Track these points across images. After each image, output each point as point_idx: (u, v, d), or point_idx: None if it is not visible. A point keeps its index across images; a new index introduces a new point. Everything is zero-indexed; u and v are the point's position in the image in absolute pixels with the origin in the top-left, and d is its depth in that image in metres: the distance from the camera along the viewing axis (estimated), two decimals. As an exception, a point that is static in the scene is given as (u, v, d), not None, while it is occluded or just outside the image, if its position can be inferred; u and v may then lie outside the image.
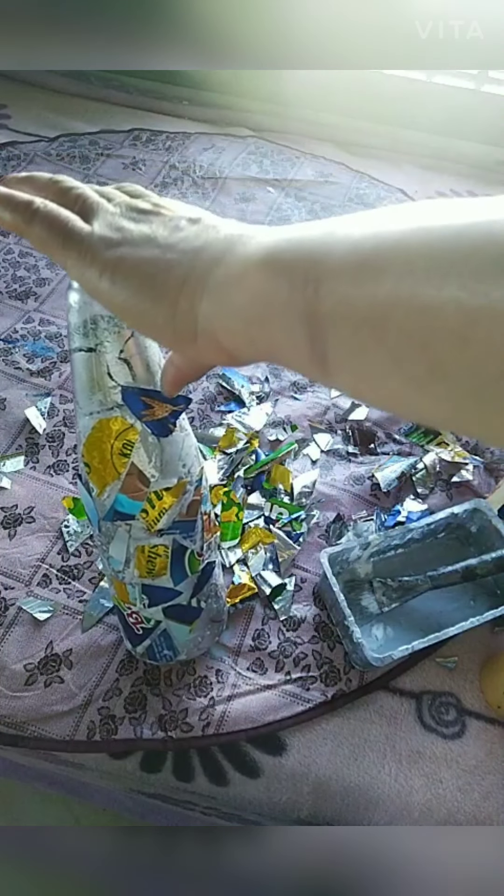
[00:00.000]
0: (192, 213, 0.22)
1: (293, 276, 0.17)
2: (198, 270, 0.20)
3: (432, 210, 0.16)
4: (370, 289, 0.16)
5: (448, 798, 0.41)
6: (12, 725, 0.41)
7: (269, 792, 0.41)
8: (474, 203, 0.15)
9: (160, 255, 0.21)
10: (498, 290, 0.13)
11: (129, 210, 0.23)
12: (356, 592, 0.47)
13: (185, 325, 0.20)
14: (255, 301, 0.19)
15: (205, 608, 0.39)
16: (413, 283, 0.15)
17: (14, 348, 0.62)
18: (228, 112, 0.95)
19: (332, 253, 0.17)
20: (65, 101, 0.95)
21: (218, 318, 0.20)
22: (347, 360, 0.17)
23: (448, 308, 0.14)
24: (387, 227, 0.16)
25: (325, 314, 0.17)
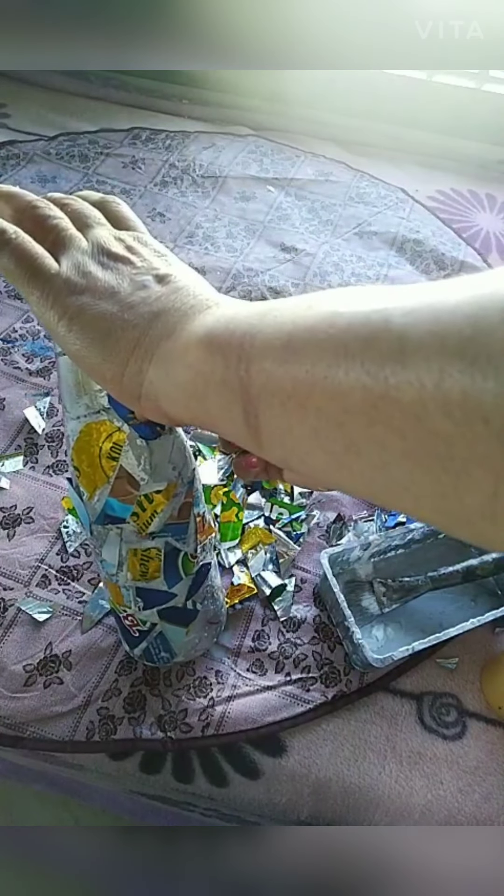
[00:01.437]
0: (163, 268, 0.23)
1: (227, 355, 0.19)
2: (149, 338, 0.21)
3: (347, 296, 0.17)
4: (292, 369, 0.17)
5: (449, 799, 0.41)
6: (11, 726, 0.41)
7: (270, 793, 0.41)
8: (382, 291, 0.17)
9: (118, 314, 0.21)
10: (394, 377, 0.14)
11: (100, 252, 0.23)
12: (356, 593, 0.47)
13: (131, 386, 0.22)
14: (195, 377, 0.20)
15: (201, 610, 0.39)
16: (325, 366, 0.16)
17: (13, 348, 0.62)
18: (228, 111, 0.95)
19: (261, 334, 0.18)
20: (64, 99, 0.95)
21: (161, 387, 0.21)
22: (277, 435, 0.18)
23: (355, 390, 0.15)
24: (305, 312, 0.18)
25: (256, 392, 0.18)
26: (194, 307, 0.21)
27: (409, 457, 0.15)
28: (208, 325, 0.20)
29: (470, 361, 0.13)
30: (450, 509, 0.15)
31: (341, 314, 0.17)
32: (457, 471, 0.14)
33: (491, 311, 0.13)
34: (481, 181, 0.90)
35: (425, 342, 0.14)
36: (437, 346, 0.14)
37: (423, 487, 0.15)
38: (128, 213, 0.27)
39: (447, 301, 0.14)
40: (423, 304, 0.15)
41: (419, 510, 0.16)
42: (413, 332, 0.14)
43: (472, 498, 0.14)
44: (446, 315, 0.14)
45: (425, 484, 0.15)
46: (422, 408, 0.14)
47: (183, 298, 0.22)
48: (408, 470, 0.15)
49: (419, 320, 0.15)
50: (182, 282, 0.23)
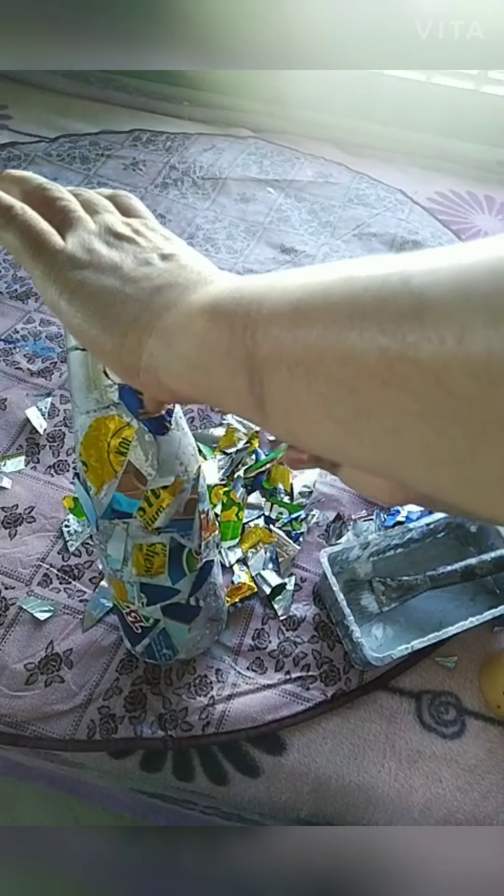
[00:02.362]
0: (167, 248, 0.23)
1: (233, 323, 0.18)
2: (150, 311, 0.21)
3: (362, 262, 0.17)
4: (302, 334, 0.16)
5: (448, 797, 0.41)
6: (12, 725, 0.41)
7: (269, 791, 0.41)
8: (400, 257, 0.16)
9: (119, 287, 0.21)
10: (413, 334, 0.14)
11: (107, 232, 0.23)
12: (356, 592, 0.47)
13: (129, 359, 0.21)
14: (199, 348, 0.19)
15: (203, 607, 0.39)
16: (338, 328, 0.16)
17: (15, 348, 0.62)
18: (229, 113, 0.96)
19: (268, 300, 0.18)
20: (65, 101, 0.95)
21: (162, 360, 0.21)
22: (283, 404, 0.18)
23: (369, 352, 0.15)
24: (317, 277, 0.17)
25: (263, 359, 0.18)
26: (198, 281, 0.21)
27: (425, 419, 0.14)
28: (213, 294, 0.20)
29: (494, 315, 0.13)
30: (466, 476, 0.14)
31: (356, 277, 0.16)
32: (475, 433, 0.13)
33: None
34: (480, 183, 0.90)
35: (446, 298, 0.14)
36: (460, 301, 0.13)
37: (439, 452, 0.14)
38: (138, 205, 0.27)
39: (467, 260, 0.14)
40: (444, 264, 0.14)
41: (433, 477, 0.15)
42: (433, 290, 0.14)
43: (491, 462, 0.13)
44: (467, 271, 0.14)
45: (441, 448, 0.14)
46: (442, 366, 0.13)
47: (187, 274, 0.22)
48: (423, 434, 0.14)
49: (440, 278, 0.14)
50: (186, 260, 0.22)
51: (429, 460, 0.15)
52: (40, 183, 0.25)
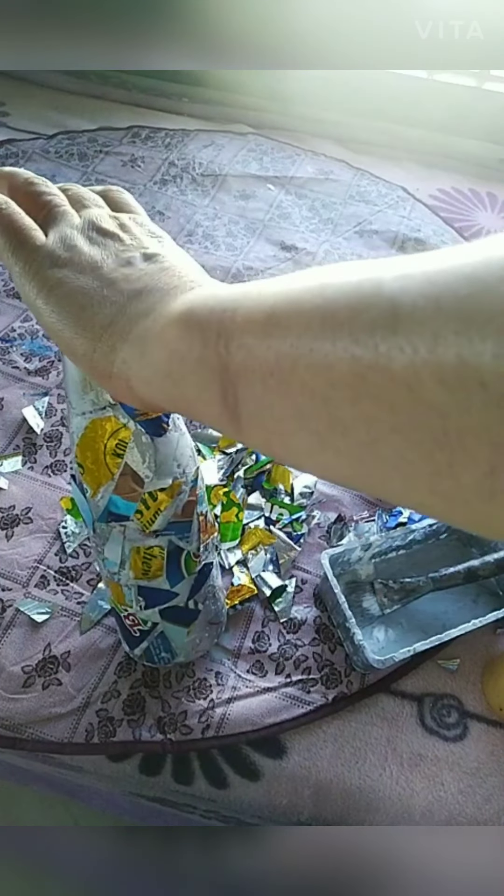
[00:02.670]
0: (152, 247, 0.22)
1: (206, 332, 0.18)
2: (126, 316, 0.20)
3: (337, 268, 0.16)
4: (275, 343, 0.16)
5: (449, 801, 0.40)
6: (10, 728, 0.41)
7: (270, 795, 0.41)
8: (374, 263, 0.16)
9: (97, 289, 0.21)
10: (385, 343, 0.14)
11: (91, 227, 0.23)
12: (357, 594, 0.47)
13: (101, 364, 0.21)
14: (171, 357, 0.19)
15: (202, 610, 0.39)
16: (311, 337, 0.15)
17: (11, 347, 0.62)
18: (228, 109, 0.95)
19: (242, 309, 0.18)
20: (63, 98, 0.95)
21: (135, 368, 0.20)
22: (257, 416, 0.18)
23: (342, 362, 0.15)
24: (292, 285, 0.17)
25: (236, 369, 0.17)
26: (178, 287, 0.21)
27: (400, 432, 0.14)
28: (188, 302, 0.20)
29: (466, 323, 0.12)
30: (444, 489, 0.14)
31: (329, 285, 0.16)
32: (451, 445, 0.13)
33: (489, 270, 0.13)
34: (482, 180, 0.89)
35: (419, 305, 0.13)
36: (432, 308, 0.13)
37: (415, 466, 0.14)
38: (129, 200, 0.26)
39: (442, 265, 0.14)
40: (418, 270, 0.14)
41: (410, 492, 0.15)
42: (406, 296, 0.14)
43: (469, 475, 0.13)
44: (441, 277, 0.13)
45: (417, 462, 0.14)
46: (414, 376, 0.13)
47: (167, 278, 0.21)
48: (398, 447, 0.14)
49: (412, 284, 0.14)
50: (169, 262, 0.22)
51: (406, 474, 0.14)
52: (27, 178, 0.24)
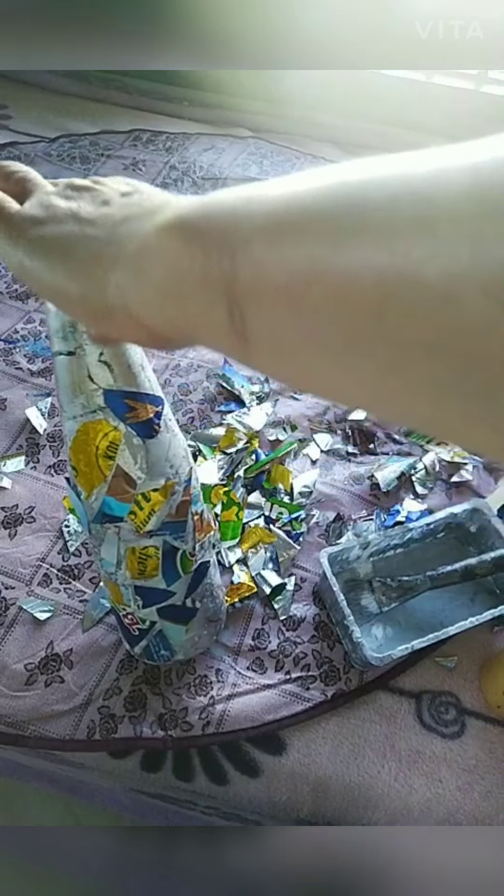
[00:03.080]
0: (127, 188, 0.22)
1: (207, 243, 0.16)
2: (112, 244, 0.19)
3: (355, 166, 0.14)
4: (287, 256, 0.14)
5: (448, 797, 0.41)
6: (13, 725, 0.41)
7: (269, 791, 0.41)
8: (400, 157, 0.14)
9: (79, 231, 0.20)
10: (419, 249, 0.12)
11: (66, 188, 0.22)
12: (356, 592, 0.47)
13: (96, 299, 0.20)
14: (170, 273, 0.17)
15: (200, 608, 0.39)
16: (328, 246, 0.13)
17: (15, 348, 0.62)
18: (229, 113, 0.96)
19: (246, 217, 0.16)
20: (65, 101, 0.95)
21: (132, 291, 0.19)
22: (268, 339, 0.16)
23: (366, 274, 0.13)
24: (302, 186, 0.15)
25: (243, 286, 0.15)
26: (163, 205, 0.19)
27: (433, 352, 0.12)
28: (181, 212, 0.18)
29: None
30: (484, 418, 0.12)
31: (348, 183, 0.14)
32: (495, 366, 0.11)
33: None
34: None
35: (458, 205, 0.12)
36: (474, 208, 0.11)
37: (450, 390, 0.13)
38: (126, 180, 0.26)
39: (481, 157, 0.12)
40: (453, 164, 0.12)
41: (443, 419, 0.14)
42: (442, 195, 0.12)
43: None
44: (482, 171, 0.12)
45: (452, 385, 0.12)
46: (453, 287, 0.11)
47: (149, 202, 0.20)
48: (430, 369, 0.12)
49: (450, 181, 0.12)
50: (151, 191, 0.21)
51: (437, 398, 0.13)
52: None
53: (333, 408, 0.60)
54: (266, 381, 0.62)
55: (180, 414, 0.59)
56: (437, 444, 0.57)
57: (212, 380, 0.62)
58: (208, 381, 0.62)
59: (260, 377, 0.62)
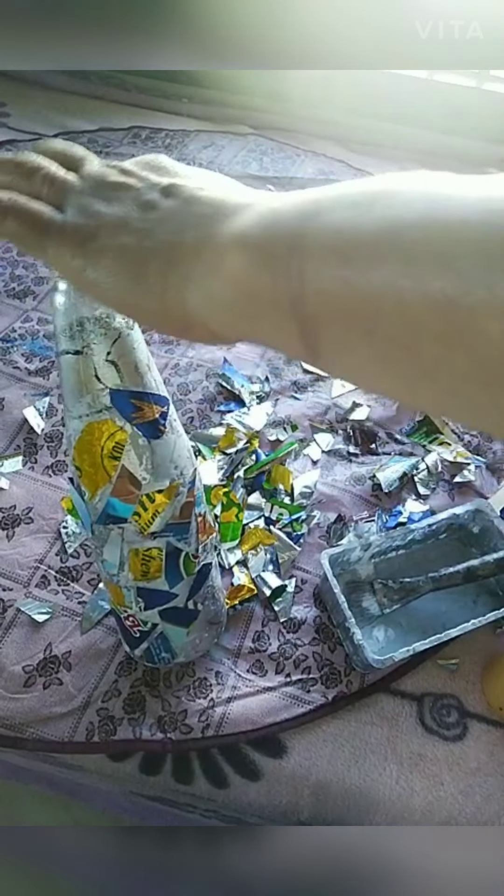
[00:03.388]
0: (164, 180, 0.21)
1: (274, 267, 0.17)
2: (178, 261, 0.19)
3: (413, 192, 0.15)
4: (354, 284, 0.15)
5: (449, 800, 0.40)
6: (11, 727, 0.41)
7: (270, 794, 0.41)
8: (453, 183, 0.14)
9: (137, 244, 0.20)
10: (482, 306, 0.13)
11: (98, 186, 0.22)
12: (357, 594, 0.47)
13: (176, 319, 0.20)
14: (239, 295, 0.18)
15: (202, 610, 0.39)
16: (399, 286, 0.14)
17: (12, 347, 0.62)
18: (228, 109, 0.95)
19: (311, 242, 0.16)
20: (64, 99, 0.95)
21: (208, 312, 0.19)
22: (339, 359, 0.17)
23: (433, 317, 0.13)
24: (365, 216, 0.15)
25: (314, 312, 0.16)
26: (215, 213, 0.19)
27: (495, 384, 0.13)
28: (243, 228, 0.18)
29: None
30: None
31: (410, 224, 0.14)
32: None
33: None
34: (482, 180, 0.89)
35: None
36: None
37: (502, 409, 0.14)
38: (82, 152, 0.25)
39: None
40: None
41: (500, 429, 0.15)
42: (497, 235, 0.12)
43: None
44: None
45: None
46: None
47: (200, 208, 0.20)
48: (493, 395, 0.13)
49: None
50: (189, 190, 0.21)
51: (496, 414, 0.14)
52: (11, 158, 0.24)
53: (334, 408, 0.60)
54: (266, 381, 0.62)
55: (180, 413, 0.58)
56: (439, 445, 0.57)
57: (211, 379, 0.61)
58: (208, 380, 0.61)
59: (260, 377, 0.62)
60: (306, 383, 0.62)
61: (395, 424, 0.59)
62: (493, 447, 0.58)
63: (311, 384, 0.62)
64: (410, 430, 0.58)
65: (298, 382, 0.62)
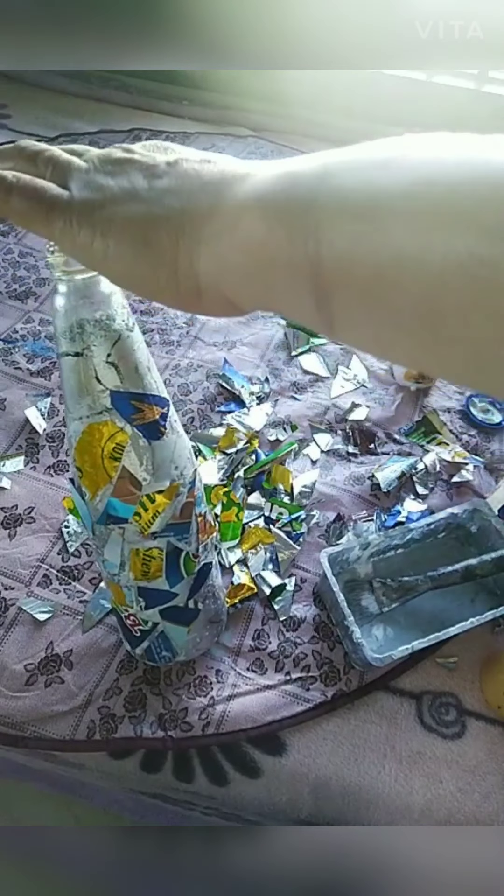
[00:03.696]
0: (168, 155, 0.21)
1: (291, 225, 0.16)
2: (190, 226, 0.19)
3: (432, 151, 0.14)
4: (372, 248, 0.14)
5: (448, 798, 0.41)
6: (12, 726, 0.41)
7: (270, 792, 0.41)
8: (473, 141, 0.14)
9: (147, 211, 0.20)
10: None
11: (103, 163, 0.22)
12: (356, 592, 0.47)
13: (187, 286, 0.20)
14: (255, 256, 0.17)
15: (202, 609, 0.39)
16: (418, 246, 0.14)
17: (14, 348, 0.62)
18: (228, 112, 0.95)
19: (328, 201, 0.16)
20: (65, 100, 0.95)
21: (220, 276, 0.19)
22: (353, 324, 0.17)
23: (454, 278, 0.13)
24: (383, 173, 0.15)
25: (330, 278, 0.16)
26: (224, 177, 0.19)
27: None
28: (256, 190, 0.18)
29: None
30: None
31: (429, 181, 0.14)
32: None
33: None
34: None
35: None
36: None
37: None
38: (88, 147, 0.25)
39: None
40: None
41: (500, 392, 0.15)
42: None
43: None
44: None
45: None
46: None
47: (210, 175, 0.19)
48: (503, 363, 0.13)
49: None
50: (192, 160, 0.21)
51: None
52: (14, 145, 0.24)
53: (334, 408, 0.60)
54: (266, 382, 0.62)
55: (180, 414, 0.59)
56: (437, 445, 0.57)
57: (212, 380, 0.62)
58: (208, 381, 0.61)
59: (260, 377, 0.62)
60: (306, 384, 0.62)
61: (394, 424, 0.59)
62: (491, 447, 0.58)
63: (311, 385, 0.62)
64: (409, 430, 0.59)
65: (298, 383, 0.62)
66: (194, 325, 0.67)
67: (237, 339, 0.66)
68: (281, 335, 0.67)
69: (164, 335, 0.66)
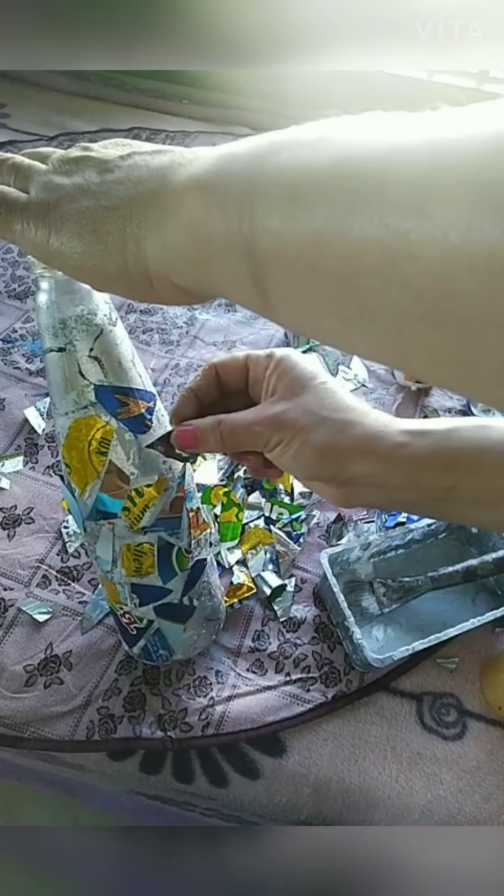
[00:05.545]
0: (123, 150, 0.22)
1: (227, 208, 0.17)
2: (137, 214, 0.19)
3: (362, 137, 0.15)
4: (301, 227, 0.15)
5: (449, 799, 0.41)
6: (12, 727, 0.41)
7: (270, 793, 0.41)
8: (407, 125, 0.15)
9: (96, 205, 0.20)
10: (417, 231, 0.13)
11: (61, 164, 0.22)
12: (356, 593, 0.47)
13: (138, 274, 0.20)
14: (195, 238, 0.18)
15: (198, 606, 0.39)
16: (338, 222, 0.14)
17: (13, 348, 0.62)
18: (228, 111, 0.95)
19: (262, 183, 0.16)
20: (64, 100, 0.95)
21: (166, 261, 0.19)
22: (287, 301, 0.17)
23: (371, 249, 0.14)
24: (312, 155, 0.16)
25: (263, 255, 0.16)
26: (171, 163, 0.19)
27: (427, 320, 0.14)
28: (197, 173, 0.18)
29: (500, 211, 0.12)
30: (467, 374, 0.14)
31: (353, 159, 0.15)
32: (475, 334, 0.13)
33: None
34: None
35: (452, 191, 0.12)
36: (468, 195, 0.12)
37: (440, 352, 0.14)
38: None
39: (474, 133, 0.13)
40: (450, 138, 0.13)
41: (434, 375, 0.15)
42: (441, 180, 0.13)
43: (490, 361, 0.13)
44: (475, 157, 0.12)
45: (442, 348, 0.14)
46: (445, 266, 0.13)
47: (156, 160, 0.20)
48: (424, 334, 0.14)
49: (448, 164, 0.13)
50: (146, 149, 0.21)
51: (430, 359, 0.15)
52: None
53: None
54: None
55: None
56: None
57: (211, 380, 0.61)
58: (208, 380, 0.61)
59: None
60: (306, 383, 0.62)
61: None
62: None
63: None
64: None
65: (298, 383, 0.62)
66: (194, 325, 0.67)
67: (237, 338, 0.66)
68: (281, 335, 0.67)
69: (163, 335, 0.66)
